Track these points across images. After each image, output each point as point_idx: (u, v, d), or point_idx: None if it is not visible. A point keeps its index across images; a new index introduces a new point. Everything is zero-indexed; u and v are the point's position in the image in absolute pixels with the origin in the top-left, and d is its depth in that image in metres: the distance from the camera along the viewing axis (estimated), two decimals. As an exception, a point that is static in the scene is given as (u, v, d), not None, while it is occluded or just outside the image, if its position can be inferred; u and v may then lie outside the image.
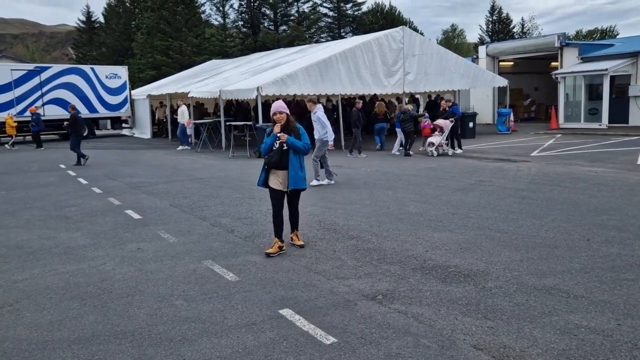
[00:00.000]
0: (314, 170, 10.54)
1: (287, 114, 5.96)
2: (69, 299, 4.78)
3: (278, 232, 5.96)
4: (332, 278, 5.09)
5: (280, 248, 5.94)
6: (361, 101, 16.61)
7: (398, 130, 15.61)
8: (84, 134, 16.17)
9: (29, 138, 23.46)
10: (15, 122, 22.29)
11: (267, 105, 18.94)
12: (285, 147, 5.83)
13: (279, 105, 5.95)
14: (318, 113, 10.73)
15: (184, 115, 19.79)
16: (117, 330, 4.07)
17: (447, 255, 5.70)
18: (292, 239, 6.28)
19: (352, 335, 3.85)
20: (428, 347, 3.63)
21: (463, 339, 3.74)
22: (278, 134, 5.83)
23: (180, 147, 19.47)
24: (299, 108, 21.91)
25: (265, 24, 48.65)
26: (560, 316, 4.06)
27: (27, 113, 22.72)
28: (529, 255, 5.61)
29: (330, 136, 10.73)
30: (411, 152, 15.21)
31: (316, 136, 10.79)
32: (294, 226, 6.30)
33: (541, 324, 3.94)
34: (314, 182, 10.46)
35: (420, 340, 3.73)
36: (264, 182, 6.02)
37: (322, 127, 10.67)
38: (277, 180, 5.96)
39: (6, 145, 22.01)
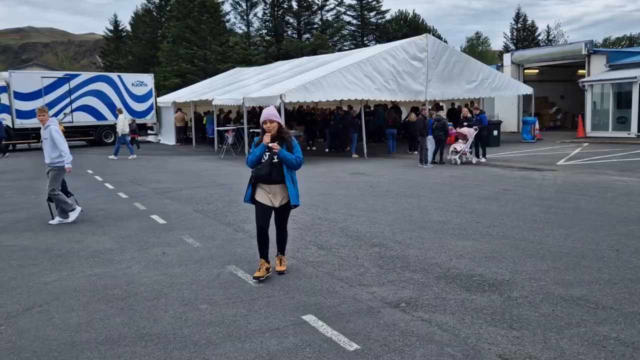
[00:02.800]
0: (59, 205, 8.39)
1: (278, 122, 5.34)
2: (96, 301, 4.87)
3: (264, 253, 5.38)
4: (355, 285, 5.09)
5: (268, 270, 5.37)
6: (426, 107, 16.33)
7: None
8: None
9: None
10: (64, 128, 22.93)
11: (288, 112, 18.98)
12: (275, 160, 5.25)
13: (269, 113, 5.30)
14: (51, 127, 8.20)
15: (119, 124, 19.56)
16: (143, 333, 4.13)
17: (471, 264, 5.64)
18: (276, 262, 5.60)
19: (376, 342, 3.84)
20: (452, 356, 3.59)
21: (488, 348, 3.70)
22: (269, 144, 5.22)
23: (131, 156, 19.22)
24: (323, 115, 22.06)
25: (289, 32, 49.08)
26: (588, 327, 3.98)
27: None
28: (556, 265, 5.51)
29: (68, 159, 8.23)
30: (435, 161, 15.08)
31: (47, 160, 8.33)
32: (282, 249, 5.62)
33: (568, 335, 3.87)
34: (71, 218, 8.35)
35: (445, 349, 3.70)
36: (252, 198, 5.39)
37: (54, 147, 8.19)
38: (265, 195, 5.34)
39: None
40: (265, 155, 5.26)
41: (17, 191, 11.91)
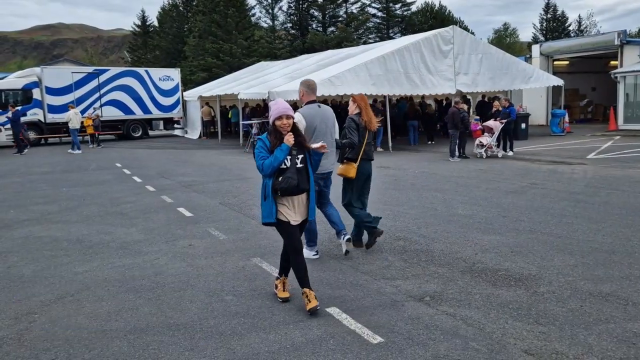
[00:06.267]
0: None
1: (293, 117, 4.37)
2: (125, 291, 4.99)
3: (287, 271, 4.73)
4: (379, 278, 5.09)
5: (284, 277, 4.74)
6: (460, 100, 16.20)
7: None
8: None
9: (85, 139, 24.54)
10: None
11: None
12: (300, 165, 4.34)
13: (286, 107, 4.28)
14: None
15: (71, 119, 20.36)
16: (170, 323, 4.21)
17: (497, 258, 5.58)
18: (276, 287, 4.70)
19: (399, 335, 3.84)
20: (477, 351, 3.57)
21: (514, 343, 3.66)
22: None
23: (73, 151, 20.13)
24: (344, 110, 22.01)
25: (314, 26, 48.96)
26: (618, 324, 3.91)
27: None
28: (584, 260, 5.41)
29: None
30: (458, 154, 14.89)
31: None
32: (285, 271, 4.67)
33: (597, 331, 3.80)
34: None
35: (469, 343, 3.68)
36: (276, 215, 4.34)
37: None
38: (291, 211, 4.40)
39: (89, 146, 23.02)
40: (287, 160, 4.28)
41: (48, 184, 12.24)
